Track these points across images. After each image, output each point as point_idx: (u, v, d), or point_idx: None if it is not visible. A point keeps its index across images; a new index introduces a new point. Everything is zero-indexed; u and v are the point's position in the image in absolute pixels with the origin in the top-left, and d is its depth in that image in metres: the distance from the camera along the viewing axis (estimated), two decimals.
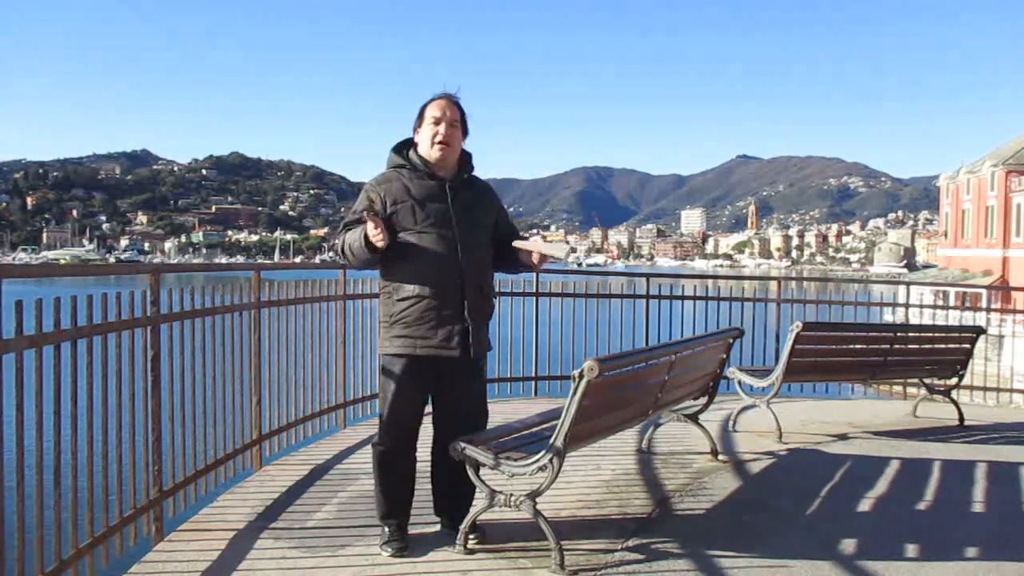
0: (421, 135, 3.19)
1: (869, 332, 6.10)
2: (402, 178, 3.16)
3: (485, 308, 3.21)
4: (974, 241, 38.12)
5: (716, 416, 5.67)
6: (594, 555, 3.13)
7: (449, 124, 3.15)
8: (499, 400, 6.59)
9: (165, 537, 3.31)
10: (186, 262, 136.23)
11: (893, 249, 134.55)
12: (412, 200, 3.10)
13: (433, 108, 3.17)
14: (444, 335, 3.08)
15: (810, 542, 3.36)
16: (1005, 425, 6.25)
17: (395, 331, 3.12)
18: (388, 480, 3.22)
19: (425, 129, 3.17)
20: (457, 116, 3.19)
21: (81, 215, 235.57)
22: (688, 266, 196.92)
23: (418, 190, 3.13)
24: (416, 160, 3.18)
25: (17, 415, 2.51)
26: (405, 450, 3.23)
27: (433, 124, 3.15)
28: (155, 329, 3.40)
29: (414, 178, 3.16)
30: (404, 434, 3.21)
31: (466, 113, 3.24)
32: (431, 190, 3.14)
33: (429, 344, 3.09)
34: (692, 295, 7.55)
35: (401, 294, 3.11)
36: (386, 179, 3.18)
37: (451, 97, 3.20)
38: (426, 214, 3.10)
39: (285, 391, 4.62)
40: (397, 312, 3.12)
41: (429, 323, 3.08)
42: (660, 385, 3.76)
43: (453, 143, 3.17)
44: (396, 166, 3.21)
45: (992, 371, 7.85)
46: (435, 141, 3.14)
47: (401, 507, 3.23)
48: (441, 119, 3.14)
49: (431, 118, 3.16)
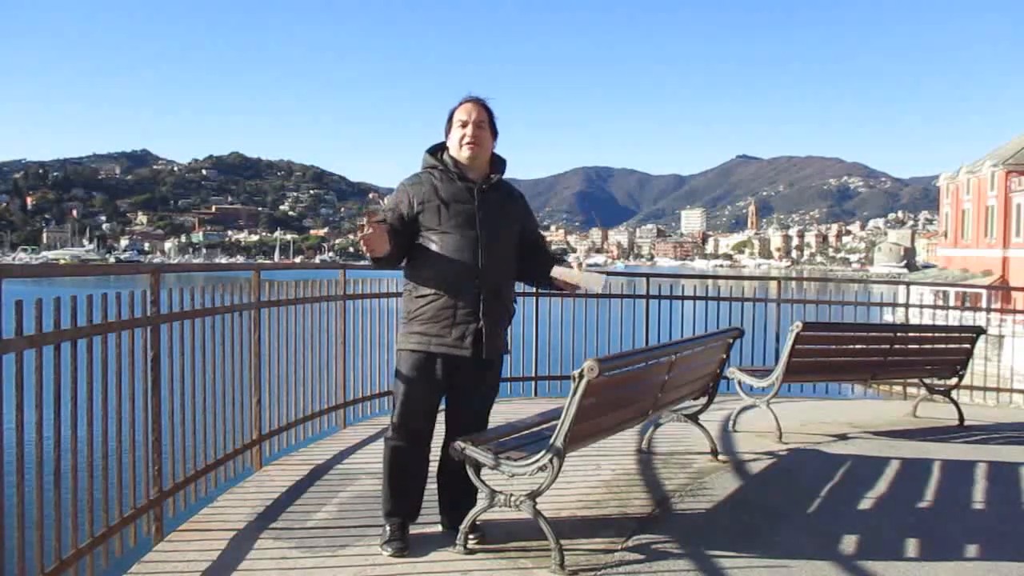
0: (451, 137, 3.25)
1: (869, 332, 6.10)
2: (432, 179, 3.21)
3: (500, 311, 3.23)
4: (974, 241, 38.13)
5: (716, 416, 5.67)
6: (594, 555, 3.14)
7: (476, 125, 3.19)
8: (499, 400, 6.56)
9: (165, 537, 3.32)
10: (186, 262, 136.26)
11: (893, 249, 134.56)
12: (439, 200, 3.15)
13: (460, 111, 3.23)
14: (458, 334, 3.11)
15: (810, 542, 3.36)
16: (1005, 425, 6.25)
17: (412, 327, 3.17)
18: (396, 477, 3.23)
19: (454, 132, 3.23)
20: (484, 117, 3.23)
21: (81, 215, 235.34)
22: (688, 266, 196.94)
23: (446, 191, 3.18)
24: (447, 161, 3.24)
25: (17, 415, 2.51)
26: (416, 448, 3.24)
27: (460, 127, 3.21)
28: (155, 329, 3.40)
29: (444, 179, 3.21)
30: (416, 431, 3.23)
31: (494, 115, 3.28)
32: (459, 191, 3.18)
33: (443, 342, 3.12)
34: (692, 295, 7.55)
35: (420, 291, 3.16)
36: (418, 179, 3.24)
37: (477, 99, 3.25)
38: (451, 215, 3.14)
39: (285, 391, 4.62)
40: (415, 309, 3.16)
41: (444, 321, 3.12)
42: (660, 385, 3.76)
43: (482, 143, 3.21)
44: (429, 167, 3.27)
45: (992, 371, 7.83)
46: (463, 143, 3.19)
47: (406, 505, 3.24)
48: (468, 121, 3.20)
49: (458, 121, 3.22)
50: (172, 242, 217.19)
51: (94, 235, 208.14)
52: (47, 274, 3.43)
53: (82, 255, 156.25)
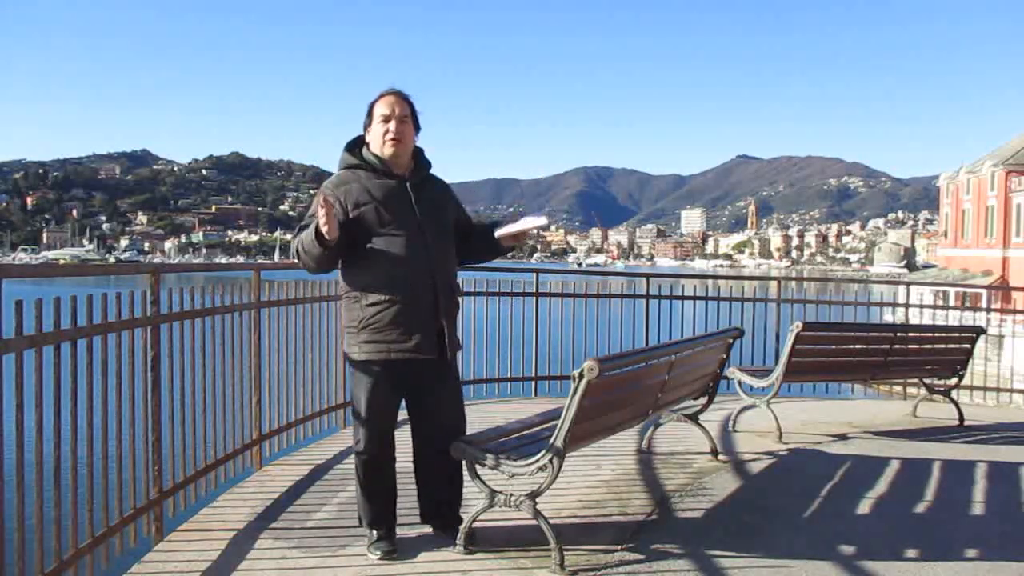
0: (372, 133, 3.13)
1: (869, 332, 6.10)
2: (360, 179, 3.07)
3: (455, 308, 3.20)
4: (974, 241, 38.13)
5: (716, 416, 5.67)
6: (594, 555, 3.13)
7: (399, 120, 3.07)
8: (499, 400, 6.59)
9: (165, 537, 3.32)
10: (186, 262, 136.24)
11: (893, 249, 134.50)
12: (375, 202, 3.02)
13: (381, 105, 3.10)
14: (419, 339, 3.03)
15: (810, 542, 3.36)
16: (1005, 425, 6.25)
17: (364, 336, 3.04)
18: (371, 486, 3.18)
19: (375, 127, 3.10)
20: (407, 111, 3.11)
21: (81, 215, 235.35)
22: (688, 266, 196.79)
23: (379, 191, 3.05)
24: (371, 159, 3.11)
25: (17, 415, 2.51)
26: (387, 453, 3.20)
27: (383, 121, 3.08)
28: (155, 329, 3.40)
29: (373, 178, 3.08)
30: (385, 438, 3.18)
31: (416, 108, 3.16)
32: (392, 190, 3.07)
33: (404, 348, 3.03)
34: (692, 295, 7.55)
35: (370, 299, 3.02)
36: (343, 181, 3.08)
37: (399, 92, 3.13)
38: (391, 216, 3.02)
39: (285, 391, 4.62)
40: (367, 317, 3.03)
41: (402, 327, 3.01)
42: (660, 385, 3.76)
43: (405, 139, 3.10)
44: (351, 166, 3.13)
45: (992, 371, 7.84)
46: (386, 138, 3.07)
47: (386, 512, 3.20)
48: (391, 116, 3.07)
49: (380, 115, 3.09)
50: (172, 242, 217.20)
51: (94, 235, 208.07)
52: (47, 274, 3.43)
53: (82, 255, 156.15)
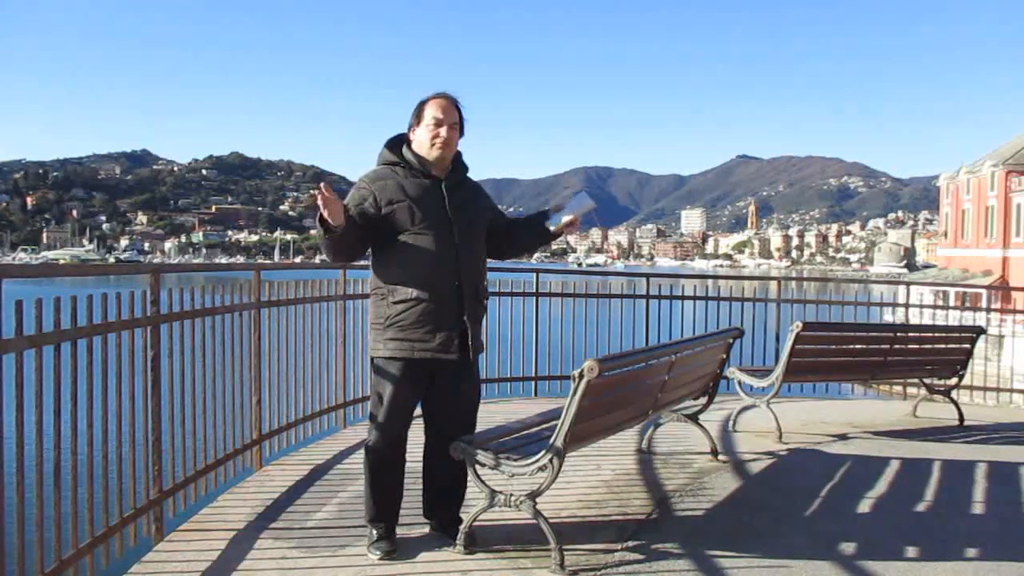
0: (419, 134, 3.14)
1: (869, 332, 6.10)
2: (396, 176, 3.10)
3: (480, 310, 3.21)
4: (974, 241, 38.11)
5: (716, 416, 5.67)
6: (594, 555, 3.13)
7: (451, 127, 3.11)
8: (499, 400, 6.59)
9: (165, 537, 3.32)
10: (186, 262, 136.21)
11: (893, 249, 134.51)
12: (408, 200, 3.05)
13: (435, 108, 3.11)
14: (443, 338, 3.05)
15: (810, 542, 3.36)
16: (1005, 425, 6.25)
17: (389, 334, 3.06)
18: (381, 483, 3.19)
19: (425, 129, 3.11)
20: (457, 119, 3.15)
21: (81, 215, 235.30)
22: (688, 266, 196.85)
23: (413, 189, 3.07)
24: (411, 158, 3.13)
25: (17, 415, 2.51)
26: (399, 451, 3.22)
27: (435, 125, 3.09)
28: (155, 329, 3.40)
29: (409, 176, 3.10)
30: (399, 436, 3.19)
31: (463, 115, 3.20)
32: (427, 189, 3.09)
33: (427, 347, 3.05)
34: (692, 295, 7.56)
35: (397, 296, 3.05)
36: (380, 176, 3.11)
37: (453, 99, 3.15)
38: (423, 215, 3.04)
39: (285, 391, 4.62)
40: (393, 315, 3.06)
41: (427, 327, 3.03)
42: (660, 385, 3.76)
43: (453, 145, 3.14)
44: (389, 163, 3.16)
45: (992, 371, 7.83)
46: (435, 142, 3.09)
47: (392, 509, 3.21)
48: (443, 121, 3.09)
49: (432, 119, 3.10)
50: (172, 242, 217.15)
51: (94, 235, 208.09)
52: (47, 274, 3.43)
53: (82, 255, 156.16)
